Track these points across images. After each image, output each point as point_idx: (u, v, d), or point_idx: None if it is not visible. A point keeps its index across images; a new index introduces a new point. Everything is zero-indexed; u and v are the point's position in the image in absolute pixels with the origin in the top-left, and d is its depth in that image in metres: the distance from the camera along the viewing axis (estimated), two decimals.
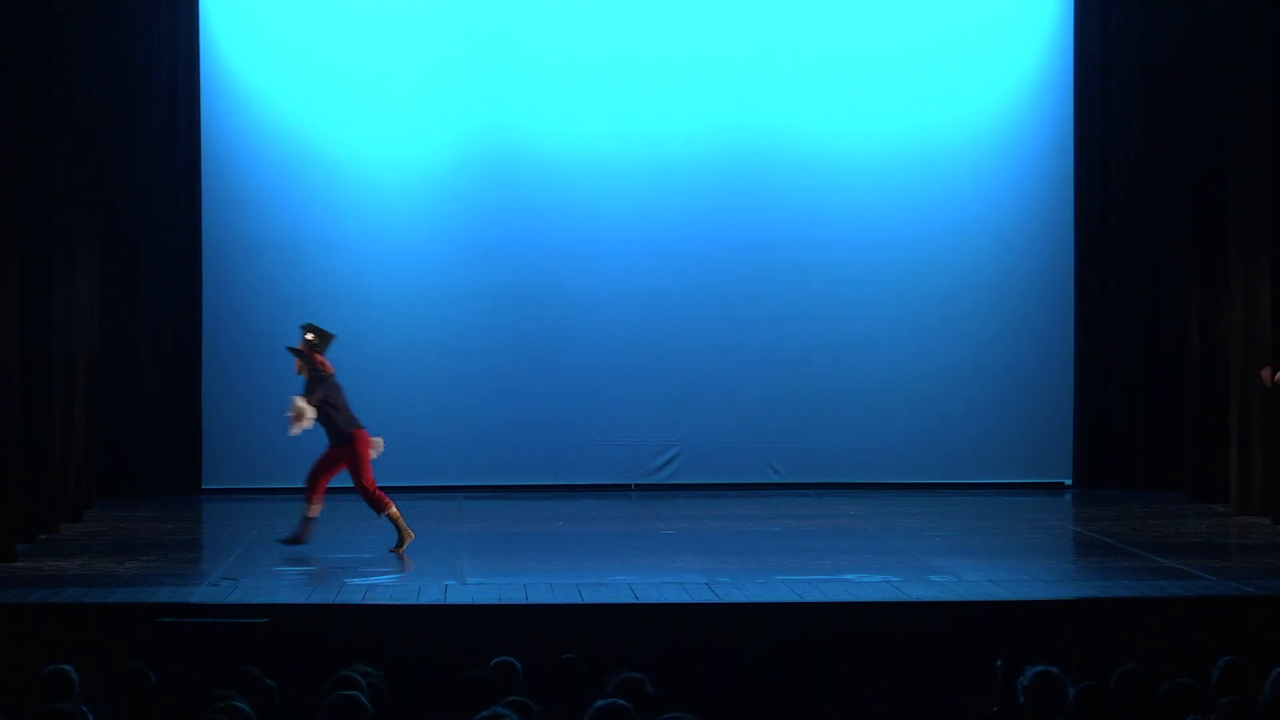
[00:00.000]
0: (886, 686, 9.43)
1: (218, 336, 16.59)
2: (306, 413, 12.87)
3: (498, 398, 16.80)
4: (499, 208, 16.90)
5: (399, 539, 12.85)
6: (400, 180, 16.85)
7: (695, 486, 16.76)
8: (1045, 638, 9.82)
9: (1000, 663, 7.97)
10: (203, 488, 16.53)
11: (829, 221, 16.99)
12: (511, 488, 16.63)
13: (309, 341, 13.07)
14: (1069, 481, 17.03)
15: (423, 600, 10.84)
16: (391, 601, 10.81)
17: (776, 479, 16.96)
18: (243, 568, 12.21)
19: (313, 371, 12.99)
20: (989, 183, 17.07)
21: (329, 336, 13.16)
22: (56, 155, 14.14)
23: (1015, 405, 17.03)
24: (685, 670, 9.11)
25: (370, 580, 11.60)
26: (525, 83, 16.94)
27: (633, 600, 10.82)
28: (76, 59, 14.88)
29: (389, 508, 12.91)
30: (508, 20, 16.99)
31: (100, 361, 15.60)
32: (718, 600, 10.80)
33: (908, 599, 10.83)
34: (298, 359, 13.05)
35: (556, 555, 12.94)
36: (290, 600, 10.79)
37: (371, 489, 12.90)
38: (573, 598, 10.85)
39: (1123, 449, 16.88)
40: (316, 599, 10.85)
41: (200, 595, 10.90)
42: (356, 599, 10.83)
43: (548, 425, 16.78)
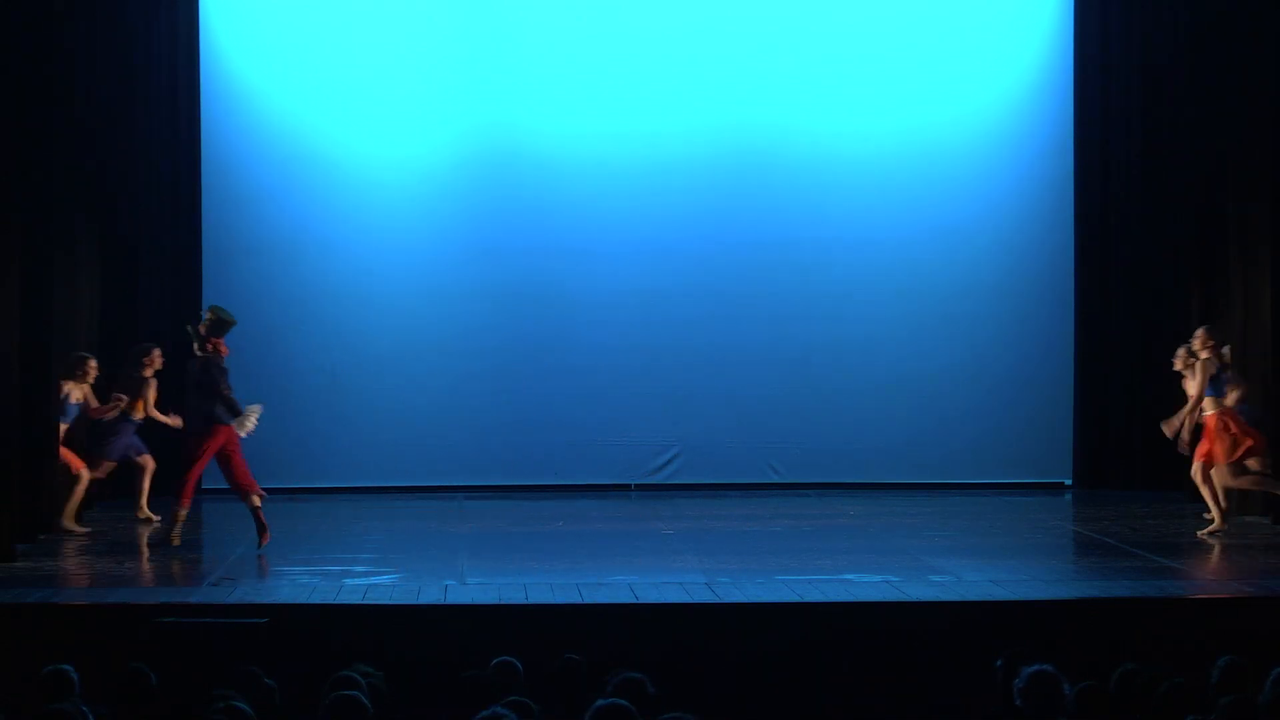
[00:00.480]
0: (886, 686, 9.41)
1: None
2: (251, 418, 13.07)
3: (498, 398, 16.79)
4: (499, 208, 16.90)
5: (169, 534, 13.11)
6: (400, 180, 16.86)
7: (695, 486, 16.76)
8: (1045, 638, 9.82)
9: (1000, 663, 7.98)
10: (203, 488, 16.49)
11: (829, 221, 16.99)
12: (511, 488, 16.62)
13: (208, 323, 13.14)
14: (1069, 481, 17.04)
15: (423, 600, 10.83)
16: (391, 601, 10.81)
17: (776, 479, 16.96)
18: (243, 568, 12.21)
19: (214, 358, 13.07)
20: (989, 183, 17.08)
21: (228, 322, 13.21)
22: (56, 155, 14.14)
23: (1015, 405, 17.03)
24: (685, 670, 9.09)
25: (370, 580, 11.60)
26: (525, 83, 16.94)
27: (633, 600, 10.81)
28: (76, 59, 14.88)
29: (185, 508, 13.13)
30: (508, 20, 17.00)
31: (100, 362, 15.57)
32: (718, 600, 10.80)
33: (908, 599, 10.83)
34: (196, 341, 13.13)
35: (556, 555, 12.94)
36: (290, 600, 10.79)
37: (193, 481, 13.15)
38: (573, 598, 10.85)
39: (1123, 449, 16.88)
40: (316, 599, 10.84)
41: (200, 595, 10.90)
42: (356, 599, 10.82)
43: (548, 425, 16.77)
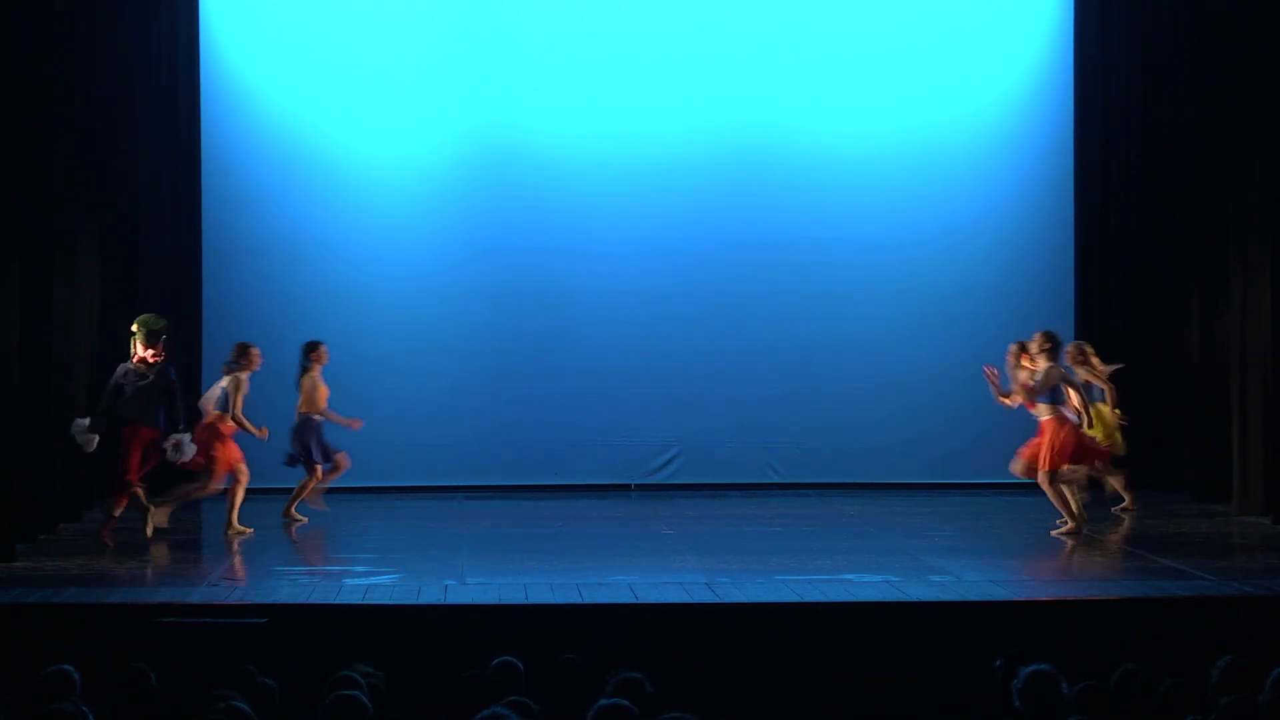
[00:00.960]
0: (886, 686, 9.41)
1: (218, 336, 16.57)
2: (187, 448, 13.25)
3: (498, 398, 16.80)
4: (499, 208, 16.90)
5: (104, 526, 13.19)
6: (400, 180, 16.86)
7: (695, 486, 16.76)
8: (1045, 638, 9.82)
9: (1000, 663, 7.97)
10: None
11: (829, 221, 16.99)
12: (511, 488, 16.62)
13: (145, 335, 13.38)
14: None
15: (423, 600, 10.83)
16: (391, 601, 10.80)
17: (776, 479, 16.96)
18: (243, 568, 12.21)
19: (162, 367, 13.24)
20: (989, 183, 17.08)
21: (157, 331, 13.39)
22: (56, 155, 14.15)
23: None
24: (685, 670, 9.09)
25: (370, 580, 11.60)
26: (525, 83, 16.95)
27: (633, 600, 10.81)
28: (76, 59, 14.88)
29: (121, 507, 13.19)
30: (508, 20, 17.00)
31: (100, 361, 15.58)
32: (718, 600, 10.79)
33: (908, 599, 10.83)
34: (155, 347, 13.24)
35: (556, 555, 12.93)
36: (290, 600, 10.79)
37: (134, 482, 13.15)
38: (573, 598, 10.85)
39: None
40: (316, 599, 10.84)
41: (200, 595, 10.90)
42: (356, 599, 10.82)
43: (548, 425, 16.77)
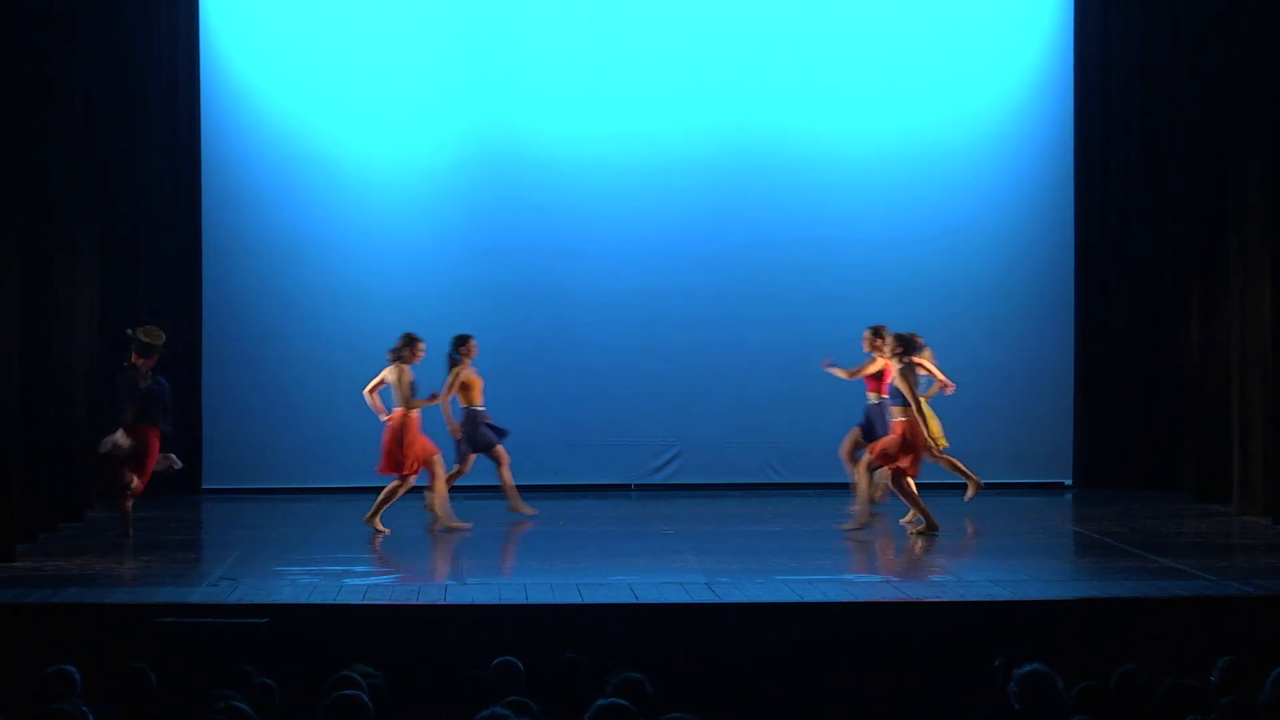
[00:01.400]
0: (886, 686, 9.41)
1: (218, 336, 16.59)
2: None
3: (498, 398, 16.76)
4: (499, 208, 16.90)
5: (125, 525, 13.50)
6: (400, 180, 16.86)
7: (695, 486, 16.75)
8: (1045, 638, 9.81)
9: (1000, 663, 7.97)
10: (203, 488, 16.53)
11: (829, 221, 16.99)
12: None
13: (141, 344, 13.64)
14: (1069, 481, 17.04)
15: (423, 600, 10.83)
16: (391, 601, 10.81)
17: (776, 479, 16.95)
18: (243, 568, 12.20)
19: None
20: (989, 183, 17.08)
21: (154, 346, 13.68)
22: (56, 155, 14.14)
23: (1015, 405, 17.03)
24: (685, 670, 9.09)
25: (370, 580, 11.59)
26: (525, 83, 16.94)
27: (633, 600, 10.81)
28: (76, 59, 14.88)
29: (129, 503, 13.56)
30: (508, 20, 17.00)
31: (100, 361, 15.59)
32: (718, 600, 10.79)
33: (908, 599, 10.83)
34: (147, 359, 13.47)
35: (556, 555, 12.93)
36: (290, 600, 10.78)
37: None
38: (573, 598, 10.84)
39: (1123, 449, 16.88)
40: (316, 599, 10.84)
41: (200, 595, 10.89)
42: (356, 599, 10.82)
43: (548, 425, 16.75)
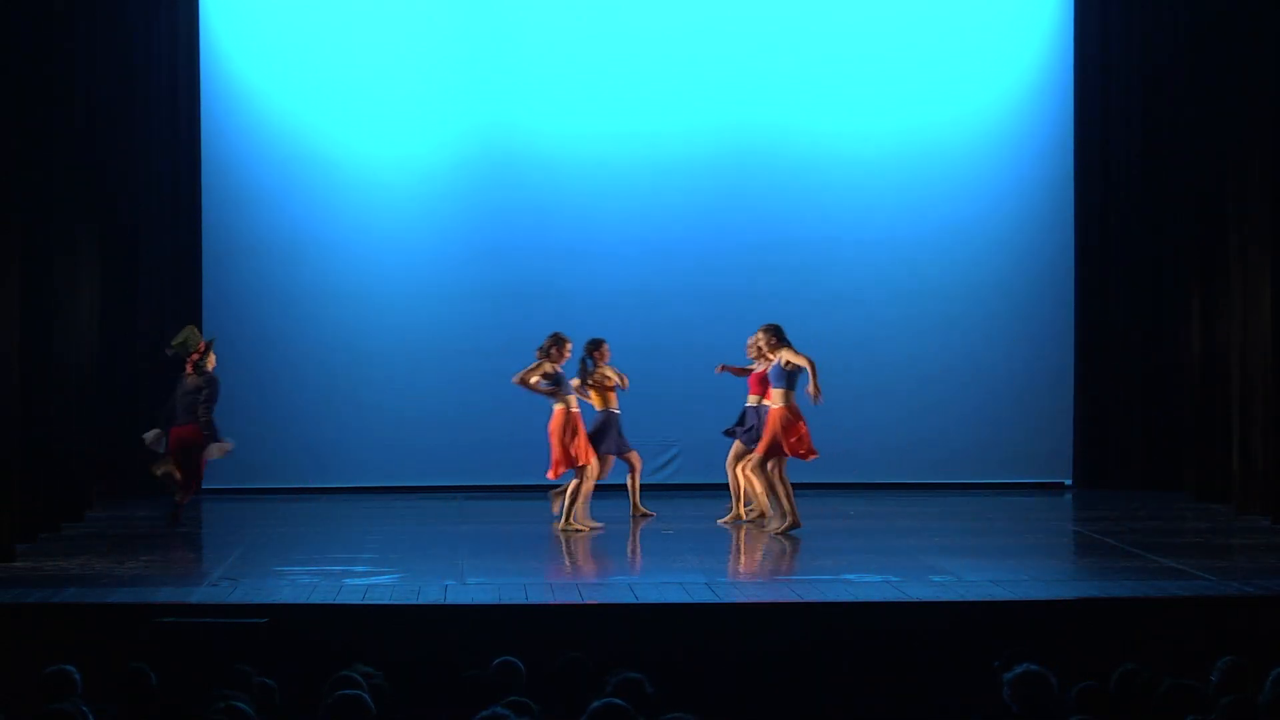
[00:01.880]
0: (886, 686, 9.40)
1: (218, 336, 16.56)
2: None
3: (498, 398, 16.75)
4: (499, 208, 16.90)
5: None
6: (400, 180, 16.86)
7: (695, 486, 16.74)
8: (1045, 638, 9.81)
9: (1000, 663, 7.97)
10: (203, 488, 16.51)
11: (829, 221, 16.99)
12: (511, 488, 16.60)
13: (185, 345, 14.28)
14: (1069, 481, 17.04)
15: (423, 600, 10.82)
16: (391, 601, 10.80)
17: None
18: (243, 568, 12.20)
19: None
20: (989, 183, 17.08)
21: (188, 346, 14.35)
22: (56, 155, 14.14)
23: (1015, 405, 17.03)
24: (685, 670, 9.09)
25: (370, 580, 11.59)
26: (525, 83, 16.95)
27: (633, 600, 10.81)
28: (76, 59, 14.88)
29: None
30: (508, 20, 17.00)
31: (100, 361, 15.59)
32: (718, 600, 10.79)
33: (908, 599, 10.82)
34: (206, 359, 14.09)
35: (557, 555, 12.93)
36: (290, 600, 10.78)
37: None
38: (573, 598, 10.85)
39: (1123, 449, 16.88)
40: (316, 599, 10.83)
41: (200, 595, 10.89)
42: (356, 599, 10.81)
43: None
